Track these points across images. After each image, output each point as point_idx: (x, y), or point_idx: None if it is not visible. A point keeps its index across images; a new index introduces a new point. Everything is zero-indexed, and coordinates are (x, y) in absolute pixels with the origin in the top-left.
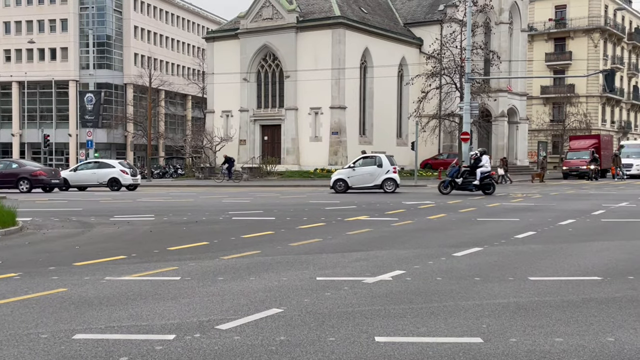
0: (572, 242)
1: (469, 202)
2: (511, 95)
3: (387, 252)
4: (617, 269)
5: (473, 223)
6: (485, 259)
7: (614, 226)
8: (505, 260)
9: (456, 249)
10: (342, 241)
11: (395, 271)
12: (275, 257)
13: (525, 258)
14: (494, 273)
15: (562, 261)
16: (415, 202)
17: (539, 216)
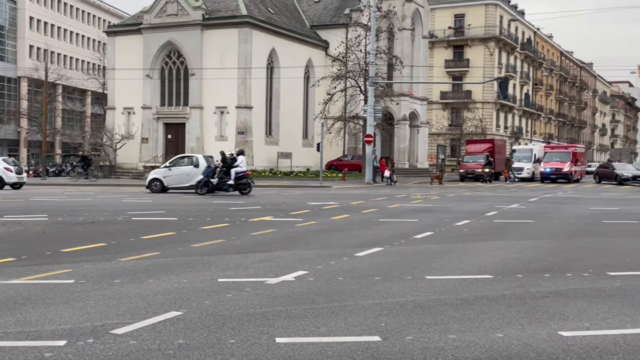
0: (467, 242)
1: (372, 204)
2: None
3: (291, 252)
4: (508, 268)
5: (375, 224)
6: (385, 258)
7: (505, 227)
8: (404, 260)
9: (358, 249)
10: (245, 242)
11: (298, 272)
12: (176, 259)
13: (423, 257)
14: (393, 272)
15: (457, 260)
16: (319, 203)
17: (436, 217)
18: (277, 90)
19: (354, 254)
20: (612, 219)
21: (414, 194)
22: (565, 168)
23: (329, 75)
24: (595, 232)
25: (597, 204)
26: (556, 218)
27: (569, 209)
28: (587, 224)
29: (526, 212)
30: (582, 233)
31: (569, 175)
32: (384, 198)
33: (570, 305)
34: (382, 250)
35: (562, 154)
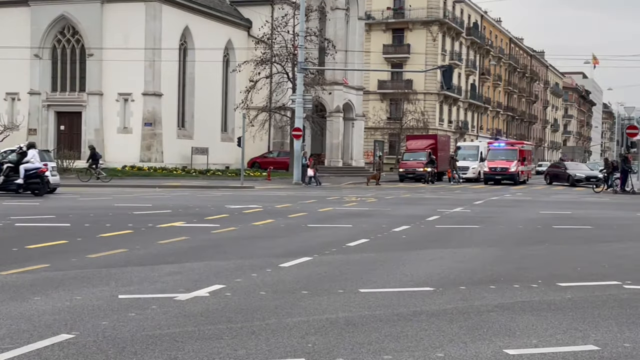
0: (406, 250)
1: (300, 207)
2: (347, 89)
3: (205, 263)
4: (450, 279)
5: (303, 230)
6: (314, 269)
7: (448, 233)
8: (335, 271)
9: (283, 259)
10: (152, 252)
11: (213, 286)
12: (69, 272)
13: (356, 268)
14: (323, 285)
15: (394, 271)
16: (240, 206)
17: (372, 222)
18: (192, 75)
19: (279, 265)
20: (563, 223)
21: (347, 195)
22: (512, 168)
23: (251, 60)
24: (545, 239)
25: (547, 207)
26: (503, 223)
27: (517, 213)
28: (537, 229)
29: (471, 216)
30: (531, 240)
31: (516, 176)
32: (313, 200)
33: (517, 320)
34: (311, 261)
35: (508, 151)
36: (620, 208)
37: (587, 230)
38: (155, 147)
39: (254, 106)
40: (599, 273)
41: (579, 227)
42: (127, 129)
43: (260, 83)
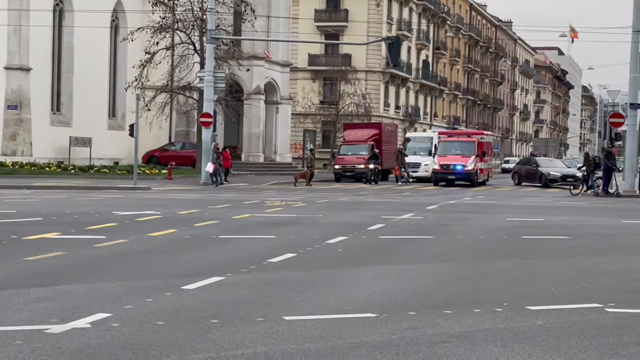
0: (342, 267)
1: (210, 214)
2: (270, 65)
3: (87, 286)
4: (396, 302)
5: (214, 242)
6: (227, 292)
7: (394, 245)
8: (254, 294)
9: (188, 280)
10: (17, 271)
11: (96, 314)
12: None
13: (281, 290)
14: (238, 312)
15: (328, 293)
16: (132, 212)
17: (301, 232)
18: (70, 45)
19: (182, 287)
20: (534, 233)
21: (270, 199)
22: (469, 165)
23: (148, 26)
24: (512, 252)
25: (515, 213)
26: (462, 233)
27: (480, 221)
28: (503, 240)
29: (423, 224)
30: (496, 253)
31: (473, 175)
32: (227, 205)
33: (477, 353)
34: (223, 281)
35: (464, 144)
36: (603, 214)
37: (563, 242)
38: (22, 137)
39: (151, 85)
40: (577, 294)
41: (553, 237)
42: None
43: (159, 56)
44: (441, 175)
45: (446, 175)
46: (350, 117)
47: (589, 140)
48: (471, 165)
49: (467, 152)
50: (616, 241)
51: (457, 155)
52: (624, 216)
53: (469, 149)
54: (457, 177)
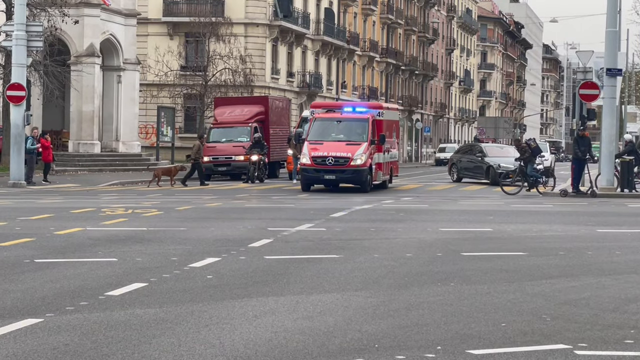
0: (212, 301)
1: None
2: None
3: None
4: (288, 349)
5: (28, 269)
6: (47, 340)
7: (286, 268)
8: (86, 342)
9: None
10: None
11: None
12: None
13: (125, 335)
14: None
15: (192, 337)
16: None
17: (155, 252)
18: None
19: None
20: (479, 249)
21: (110, 205)
22: (357, 158)
23: None
24: (449, 275)
25: (454, 222)
26: (380, 250)
27: (405, 232)
28: (436, 259)
29: (326, 239)
30: (427, 277)
31: (363, 173)
32: (47, 215)
33: None
34: (40, 324)
35: (350, 124)
36: (572, 221)
37: (518, 260)
38: None
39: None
40: (537, 330)
41: (504, 254)
42: None
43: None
44: (313, 175)
45: (321, 175)
46: (225, 88)
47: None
48: (361, 159)
49: (355, 136)
50: (588, 258)
51: (340, 143)
52: (599, 223)
53: (359, 131)
54: (338, 178)
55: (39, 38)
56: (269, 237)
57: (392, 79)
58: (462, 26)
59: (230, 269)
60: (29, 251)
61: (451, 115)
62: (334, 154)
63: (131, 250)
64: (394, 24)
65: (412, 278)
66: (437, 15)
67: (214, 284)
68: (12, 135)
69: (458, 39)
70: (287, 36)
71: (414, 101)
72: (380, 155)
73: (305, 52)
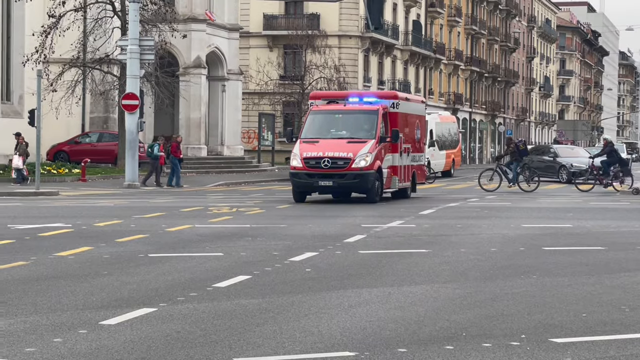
0: (311, 292)
1: (136, 225)
2: (213, 30)
3: None
4: (381, 336)
5: (143, 262)
6: (160, 328)
7: (379, 262)
8: (195, 330)
9: (108, 313)
10: None
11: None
12: None
13: (231, 323)
14: (174, 354)
15: (292, 326)
16: (33, 226)
17: (258, 247)
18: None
19: (100, 322)
20: (560, 243)
21: (216, 204)
22: (360, 159)
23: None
24: (532, 268)
25: (535, 218)
26: (466, 245)
27: (489, 229)
28: (519, 253)
29: (415, 234)
30: (511, 270)
31: (368, 179)
32: (159, 214)
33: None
34: (154, 313)
35: (356, 117)
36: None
37: (597, 254)
38: None
39: (57, 58)
40: (616, 321)
41: (584, 248)
42: None
43: (66, 20)
44: (305, 182)
45: (315, 181)
46: None
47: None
48: (366, 159)
49: (360, 132)
50: None
51: (340, 140)
52: None
53: (366, 126)
54: (336, 185)
55: (151, 52)
56: (363, 233)
57: (475, 85)
58: (542, 35)
59: (327, 262)
60: (143, 246)
61: (532, 119)
62: (331, 154)
63: (236, 246)
64: (478, 34)
65: (497, 271)
66: (518, 26)
67: (312, 277)
68: (127, 140)
69: (538, 48)
70: (378, 47)
71: (496, 106)
72: (396, 156)
73: (394, 62)
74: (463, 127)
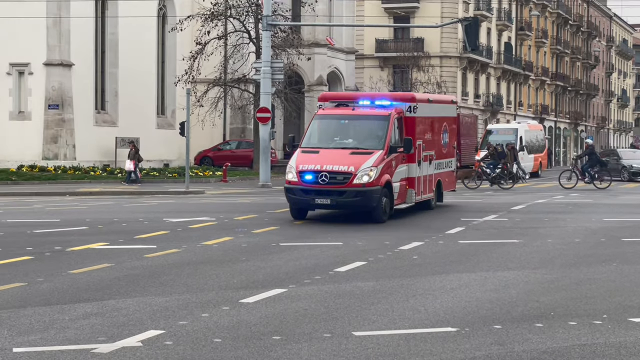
0: (418, 276)
1: (269, 219)
2: (333, 53)
3: (137, 301)
4: (479, 315)
5: (275, 250)
6: (290, 306)
7: (476, 251)
8: (320, 307)
9: (246, 292)
10: (61, 285)
11: (148, 331)
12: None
13: (350, 302)
14: (302, 327)
15: (402, 305)
16: (184, 219)
17: (371, 238)
18: (114, 37)
19: (240, 300)
20: (638, 235)
21: None
22: (363, 174)
23: (198, 14)
24: (612, 256)
25: (615, 213)
26: (553, 236)
27: (573, 222)
28: (600, 243)
29: (508, 227)
30: (593, 258)
31: (371, 196)
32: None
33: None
34: (285, 293)
35: (364, 123)
36: None
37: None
38: (64, 139)
39: (202, 79)
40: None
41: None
42: (24, 114)
43: (210, 46)
44: (301, 199)
45: (311, 198)
46: None
47: None
48: (369, 174)
49: (369, 141)
50: None
51: (342, 151)
52: None
53: (376, 133)
54: (334, 203)
55: (280, 72)
56: (462, 226)
57: (560, 98)
58: (619, 53)
59: (431, 251)
60: (275, 237)
61: (610, 127)
62: (330, 168)
63: (354, 237)
64: (562, 53)
65: (580, 259)
66: (598, 45)
67: (419, 263)
68: (260, 147)
69: (616, 64)
70: (474, 65)
71: (579, 115)
72: (412, 167)
73: (488, 78)
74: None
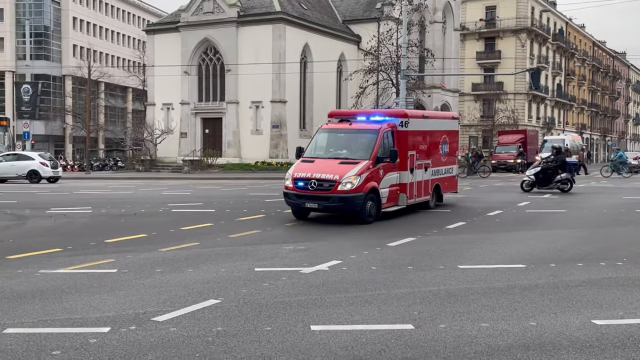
0: (499, 232)
1: None
2: (444, 92)
3: (326, 243)
4: (540, 257)
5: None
6: (418, 248)
7: (537, 217)
8: (436, 250)
9: (390, 239)
10: (281, 233)
11: (332, 261)
12: (214, 249)
13: (455, 247)
14: (425, 262)
15: (489, 250)
16: None
17: (470, 207)
18: (311, 84)
19: (387, 244)
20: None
21: None
22: (346, 181)
23: (361, 69)
24: (629, 221)
25: (631, 194)
26: (587, 208)
27: (601, 199)
28: (620, 213)
29: (558, 202)
30: (615, 222)
31: (354, 201)
32: None
33: (603, 294)
34: (415, 240)
35: (357, 136)
36: None
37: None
38: (282, 146)
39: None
40: None
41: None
42: (259, 131)
43: (368, 89)
44: (296, 202)
45: (302, 202)
46: (503, 126)
47: None
48: (352, 182)
49: (359, 152)
50: None
51: (333, 161)
52: None
53: (365, 146)
54: (321, 207)
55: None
56: (528, 201)
57: (593, 118)
58: (634, 89)
59: (507, 216)
60: None
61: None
62: (318, 176)
63: (457, 207)
64: (595, 90)
65: (607, 222)
66: (619, 84)
67: (500, 224)
68: None
69: (632, 96)
70: (537, 98)
71: (606, 130)
72: (404, 174)
73: (546, 106)
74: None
